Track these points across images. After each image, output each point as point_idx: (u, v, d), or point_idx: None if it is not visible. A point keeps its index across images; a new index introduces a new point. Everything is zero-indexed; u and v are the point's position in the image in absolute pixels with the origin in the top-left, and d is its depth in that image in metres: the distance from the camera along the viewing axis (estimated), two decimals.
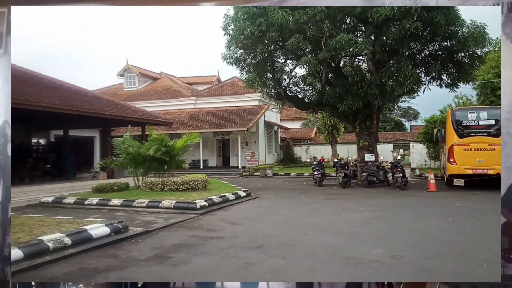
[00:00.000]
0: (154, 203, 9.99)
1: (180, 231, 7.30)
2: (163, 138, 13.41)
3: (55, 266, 5.02)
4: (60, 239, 5.76)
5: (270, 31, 13.45)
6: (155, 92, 32.74)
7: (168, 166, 13.77)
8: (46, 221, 7.26)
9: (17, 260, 5.01)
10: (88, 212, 9.72)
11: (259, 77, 16.80)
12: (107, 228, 6.66)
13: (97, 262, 5.20)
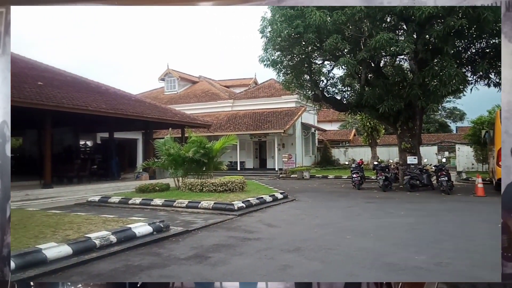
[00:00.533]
0: (193, 203, 10.23)
1: (218, 232, 7.42)
2: (201, 140, 13.71)
3: (101, 263, 5.28)
4: (106, 237, 6.05)
5: (307, 33, 13.36)
6: (194, 95, 33.51)
7: (207, 168, 14.04)
8: (93, 219, 7.65)
9: (67, 256, 5.31)
10: (132, 211, 10.12)
11: (296, 78, 16.72)
12: (149, 227, 6.91)
13: (141, 260, 5.41)
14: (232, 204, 9.78)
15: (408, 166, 15.47)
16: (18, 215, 8.17)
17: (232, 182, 12.22)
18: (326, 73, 17.00)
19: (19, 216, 7.94)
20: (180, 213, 9.68)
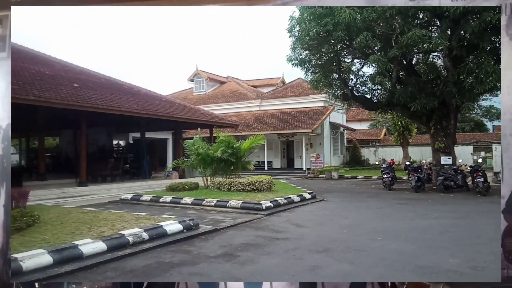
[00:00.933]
0: (221, 202, 10.34)
1: (247, 231, 7.46)
2: (229, 140, 13.83)
3: (134, 259, 5.44)
4: (139, 234, 6.22)
5: (336, 31, 13.18)
6: (222, 95, 33.85)
7: (235, 167, 14.16)
8: (126, 216, 7.89)
9: (101, 252, 5.51)
10: (163, 209, 10.36)
11: (325, 77, 16.54)
12: (180, 225, 7.05)
13: (172, 257, 5.53)
14: (260, 203, 9.81)
15: (442, 166, 14.95)
16: (55, 212, 8.56)
17: (259, 181, 12.25)
18: (355, 71, 16.72)
19: (56, 213, 8.31)
20: (209, 212, 9.81)
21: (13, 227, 6.16)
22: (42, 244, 5.43)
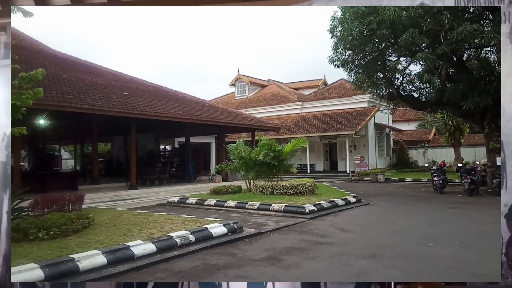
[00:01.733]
0: (264, 206, 10.38)
1: (290, 235, 7.43)
2: (271, 143, 13.86)
3: (182, 261, 5.61)
4: (186, 236, 6.41)
5: (381, 29, 12.80)
6: (263, 98, 34.04)
7: (277, 170, 14.16)
8: (173, 219, 8.16)
9: (151, 253, 5.74)
10: (207, 212, 10.59)
11: (369, 77, 16.11)
12: (224, 228, 7.17)
13: (217, 259, 5.64)
14: (303, 207, 9.73)
15: (497, 168, 13.99)
16: (108, 214, 9.03)
17: (302, 184, 12.16)
18: (401, 70, 16.11)
19: (110, 215, 8.77)
20: (252, 215, 9.88)
21: (70, 229, 6.58)
22: (96, 245, 5.75)
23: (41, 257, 5.11)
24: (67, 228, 6.47)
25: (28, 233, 6.06)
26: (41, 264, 4.71)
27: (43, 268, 4.65)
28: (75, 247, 5.65)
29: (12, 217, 7.09)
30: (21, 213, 7.33)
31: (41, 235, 6.07)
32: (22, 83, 5.66)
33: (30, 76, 5.64)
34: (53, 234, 6.19)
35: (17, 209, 7.35)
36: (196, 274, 4.96)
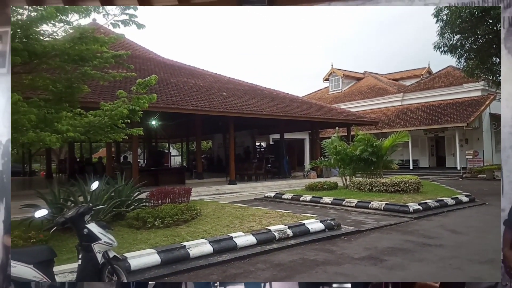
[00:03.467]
0: (363, 203, 10.02)
1: (392, 234, 7.06)
2: (369, 138, 13.29)
3: (281, 254, 5.75)
4: (284, 230, 6.56)
5: (495, 9, 11.29)
6: (359, 92, 32.74)
7: (375, 167, 13.53)
8: (271, 213, 8.40)
9: (252, 245, 6.00)
10: (303, 207, 10.64)
11: (482, 63, 14.31)
12: (321, 224, 7.14)
13: (315, 255, 5.65)
14: (407, 205, 9.13)
15: None
16: (212, 206, 9.70)
17: (405, 182, 11.40)
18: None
19: (213, 208, 9.40)
20: (349, 212, 9.63)
21: (181, 219, 7.24)
22: (204, 235, 6.24)
23: (158, 243, 5.74)
24: (178, 218, 7.14)
25: (146, 222, 6.85)
26: (157, 250, 5.30)
27: (159, 253, 5.22)
28: (185, 235, 6.21)
29: (133, 207, 8.10)
30: (140, 204, 8.32)
31: (157, 224, 6.81)
32: (139, 89, 6.40)
33: (145, 82, 6.34)
34: (167, 223, 6.89)
35: (136, 200, 8.37)
36: (295, 268, 5.05)
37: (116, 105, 6.24)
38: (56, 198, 7.20)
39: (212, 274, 4.89)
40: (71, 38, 6.66)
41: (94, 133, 6.96)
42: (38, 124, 5.83)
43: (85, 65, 7.17)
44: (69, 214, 3.94)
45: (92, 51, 6.98)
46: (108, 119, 6.47)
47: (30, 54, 6.03)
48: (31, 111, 5.24)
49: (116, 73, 7.90)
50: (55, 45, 6.52)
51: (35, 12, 5.84)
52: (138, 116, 7.06)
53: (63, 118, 5.91)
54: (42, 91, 7.83)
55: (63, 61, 6.91)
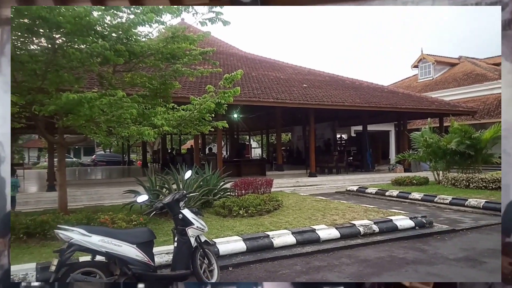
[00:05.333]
0: (458, 200, 9.20)
1: (494, 235, 6.37)
2: (466, 129, 12.08)
3: (366, 250, 5.57)
4: (369, 226, 6.33)
5: None
6: (453, 79, 29.88)
7: (473, 161, 12.28)
8: (354, 207, 8.16)
9: (335, 239, 5.90)
10: (389, 203, 10.13)
11: None
12: (411, 221, 6.73)
13: (405, 253, 5.35)
14: None
15: None
16: (293, 198, 9.75)
17: None
18: None
19: (294, 200, 9.45)
20: (442, 210, 8.92)
21: (264, 209, 7.41)
22: (286, 226, 6.31)
23: (243, 231, 5.97)
24: (262, 208, 7.33)
25: (232, 210, 7.16)
26: (243, 237, 5.51)
27: (245, 241, 5.41)
28: (269, 225, 6.35)
29: (219, 196, 8.53)
30: (225, 193, 8.73)
31: (242, 213, 7.08)
32: (225, 83, 6.66)
33: (231, 77, 6.58)
34: (251, 213, 7.12)
35: (222, 189, 8.79)
36: (382, 265, 4.85)
37: (204, 100, 6.58)
38: (153, 185, 7.89)
39: (296, 264, 4.94)
40: (164, 37, 7.19)
41: (185, 126, 7.47)
42: (137, 119, 6.43)
43: (177, 63, 7.70)
44: (166, 200, 4.29)
45: (182, 49, 7.46)
46: (197, 113, 6.87)
47: (130, 54, 6.66)
48: (133, 106, 5.78)
49: (203, 69, 8.35)
50: (151, 45, 7.10)
51: (133, 15, 6.39)
52: (223, 109, 7.37)
53: (159, 113, 6.42)
54: (139, 88, 8.61)
55: (158, 59, 7.51)
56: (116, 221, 5.92)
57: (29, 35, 5.71)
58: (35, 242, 5.38)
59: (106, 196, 10.81)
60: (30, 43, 6.33)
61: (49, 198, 10.08)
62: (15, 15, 5.10)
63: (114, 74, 7.56)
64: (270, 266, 4.90)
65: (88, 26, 5.63)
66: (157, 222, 6.66)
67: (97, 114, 5.86)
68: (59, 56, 5.94)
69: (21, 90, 6.09)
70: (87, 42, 5.54)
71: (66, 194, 7.27)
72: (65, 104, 5.32)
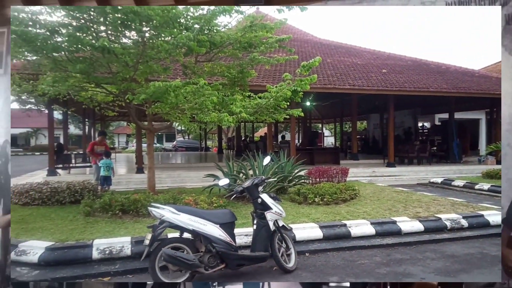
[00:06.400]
0: None
1: None
2: None
3: (453, 245, 5.19)
4: (457, 220, 5.88)
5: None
6: None
7: None
8: (440, 200, 7.63)
9: (418, 232, 5.58)
10: (479, 197, 9.27)
11: None
12: None
13: (498, 251, 4.88)
14: None
15: None
16: (370, 188, 9.42)
17: None
18: None
19: (372, 190, 9.12)
20: None
21: (340, 198, 7.28)
22: (364, 216, 6.14)
23: (319, 219, 5.94)
24: (338, 197, 7.21)
25: (307, 198, 7.16)
26: (319, 225, 5.48)
27: (321, 228, 5.39)
28: (345, 214, 6.24)
29: (294, 183, 8.57)
30: (300, 180, 8.74)
31: (317, 200, 7.04)
32: (302, 71, 6.61)
33: (309, 64, 6.50)
34: (326, 201, 7.05)
35: (297, 177, 8.81)
36: (472, 262, 4.49)
37: (281, 87, 6.62)
38: (230, 170, 8.21)
39: (375, 255, 4.79)
40: (243, 27, 7.33)
41: (260, 113, 7.61)
42: (216, 106, 6.70)
43: (253, 51, 7.83)
44: (246, 184, 4.44)
45: (259, 37, 7.55)
46: (273, 101, 6.95)
47: (211, 44, 6.92)
48: (213, 93, 6.04)
49: (279, 57, 8.37)
50: (230, 34, 7.31)
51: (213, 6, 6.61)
52: (299, 97, 7.35)
53: (237, 100, 6.62)
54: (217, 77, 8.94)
55: (236, 48, 7.72)
56: (199, 202, 6.28)
57: (122, 28, 6.21)
58: (129, 218, 5.95)
59: (187, 179, 11.51)
60: (123, 37, 6.91)
61: (138, 179, 11.05)
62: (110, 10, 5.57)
63: (196, 64, 7.94)
64: (348, 255, 4.82)
65: (174, 18, 5.96)
66: (235, 205, 6.93)
67: (182, 102, 6.23)
68: (148, 48, 6.39)
69: (115, 80, 6.70)
70: (173, 34, 5.88)
71: (154, 176, 7.89)
72: (154, 92, 5.73)
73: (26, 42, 5.53)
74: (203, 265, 3.75)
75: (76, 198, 7.17)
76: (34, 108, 13.65)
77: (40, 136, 44.57)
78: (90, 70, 6.27)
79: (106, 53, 5.71)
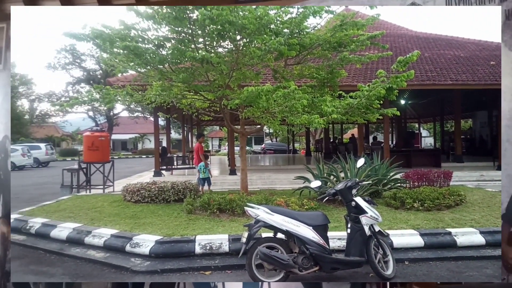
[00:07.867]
0: None
1: None
2: None
3: None
4: None
5: None
6: None
7: None
8: None
9: None
10: None
11: None
12: None
13: None
14: None
15: None
16: (478, 194, 8.47)
17: None
18: None
19: (480, 195, 8.19)
20: None
21: (443, 203, 6.68)
22: (472, 224, 5.56)
23: (419, 225, 5.55)
24: (440, 203, 6.64)
25: (405, 202, 6.73)
26: (420, 232, 5.13)
27: (422, 236, 5.03)
28: (450, 221, 5.72)
29: (389, 186, 8.14)
30: (395, 183, 8.27)
31: (416, 206, 6.57)
32: (399, 67, 6.25)
33: (406, 59, 6.12)
34: (427, 206, 6.54)
35: (392, 180, 8.35)
36: None
37: (374, 85, 6.36)
38: (321, 173, 8.13)
39: (486, 267, 4.33)
40: (332, 27, 7.24)
41: (352, 114, 7.41)
42: (306, 108, 6.71)
43: (343, 51, 7.66)
44: (339, 187, 4.37)
45: (349, 36, 7.37)
46: (365, 100, 6.70)
47: (301, 47, 6.98)
48: (304, 96, 6.07)
49: (372, 54, 8.05)
50: (319, 35, 7.27)
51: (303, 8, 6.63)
52: (394, 95, 6.97)
53: (327, 101, 6.55)
54: (306, 79, 8.95)
55: (325, 49, 7.65)
56: (290, 204, 6.36)
57: (218, 38, 6.61)
58: (225, 217, 6.29)
59: (277, 181, 11.71)
60: (218, 46, 7.35)
61: (231, 180, 11.60)
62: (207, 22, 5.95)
63: (285, 68, 8.08)
64: (454, 265, 4.43)
65: (266, 25, 6.15)
66: (326, 208, 6.85)
67: (273, 106, 6.39)
68: (242, 56, 6.70)
69: (212, 87, 7.15)
70: (265, 40, 6.07)
71: (246, 177, 8.22)
72: (247, 97, 5.99)
73: (137, 56, 6.22)
74: (297, 266, 3.80)
75: (179, 196, 7.81)
76: (141, 116, 15.29)
77: (146, 140, 49.60)
78: (191, 79, 6.78)
79: (205, 63, 6.13)
